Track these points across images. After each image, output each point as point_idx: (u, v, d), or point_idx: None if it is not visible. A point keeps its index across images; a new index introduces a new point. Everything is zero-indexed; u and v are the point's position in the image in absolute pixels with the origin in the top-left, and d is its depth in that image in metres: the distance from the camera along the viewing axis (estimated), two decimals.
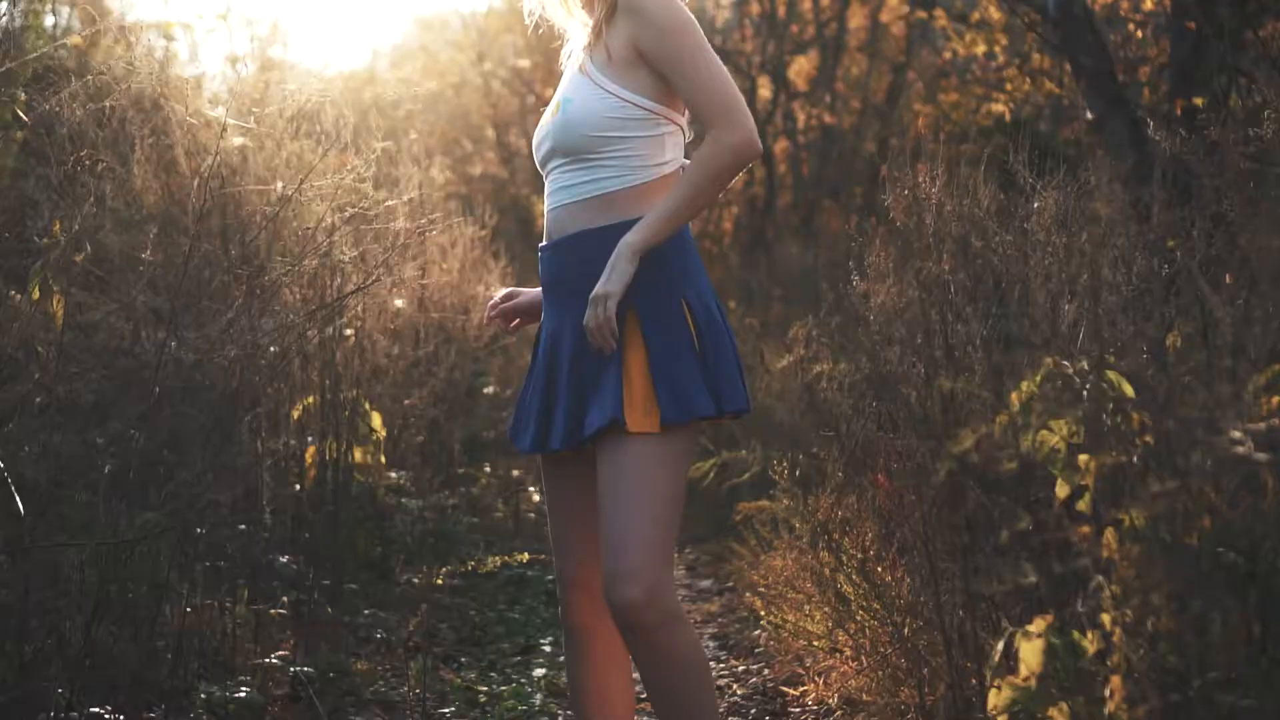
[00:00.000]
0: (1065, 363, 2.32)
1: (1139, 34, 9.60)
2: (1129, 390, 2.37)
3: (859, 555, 3.59)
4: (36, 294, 2.98)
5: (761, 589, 4.40)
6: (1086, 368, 2.29)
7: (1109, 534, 2.32)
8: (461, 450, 6.23)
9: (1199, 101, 6.80)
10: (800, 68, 14.54)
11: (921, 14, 12.92)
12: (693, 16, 2.74)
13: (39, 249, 3.18)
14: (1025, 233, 2.88)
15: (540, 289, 2.92)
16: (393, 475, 5.46)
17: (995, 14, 10.69)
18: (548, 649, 4.93)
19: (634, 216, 2.73)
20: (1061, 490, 2.39)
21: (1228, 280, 2.40)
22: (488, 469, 6.75)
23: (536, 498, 6.83)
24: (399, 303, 4.74)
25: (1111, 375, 2.27)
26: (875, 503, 3.76)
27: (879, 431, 3.51)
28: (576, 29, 2.92)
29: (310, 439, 4.89)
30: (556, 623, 5.20)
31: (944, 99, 13.14)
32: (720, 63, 2.71)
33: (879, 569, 3.56)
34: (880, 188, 3.50)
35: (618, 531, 2.66)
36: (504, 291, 3.12)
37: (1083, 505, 2.41)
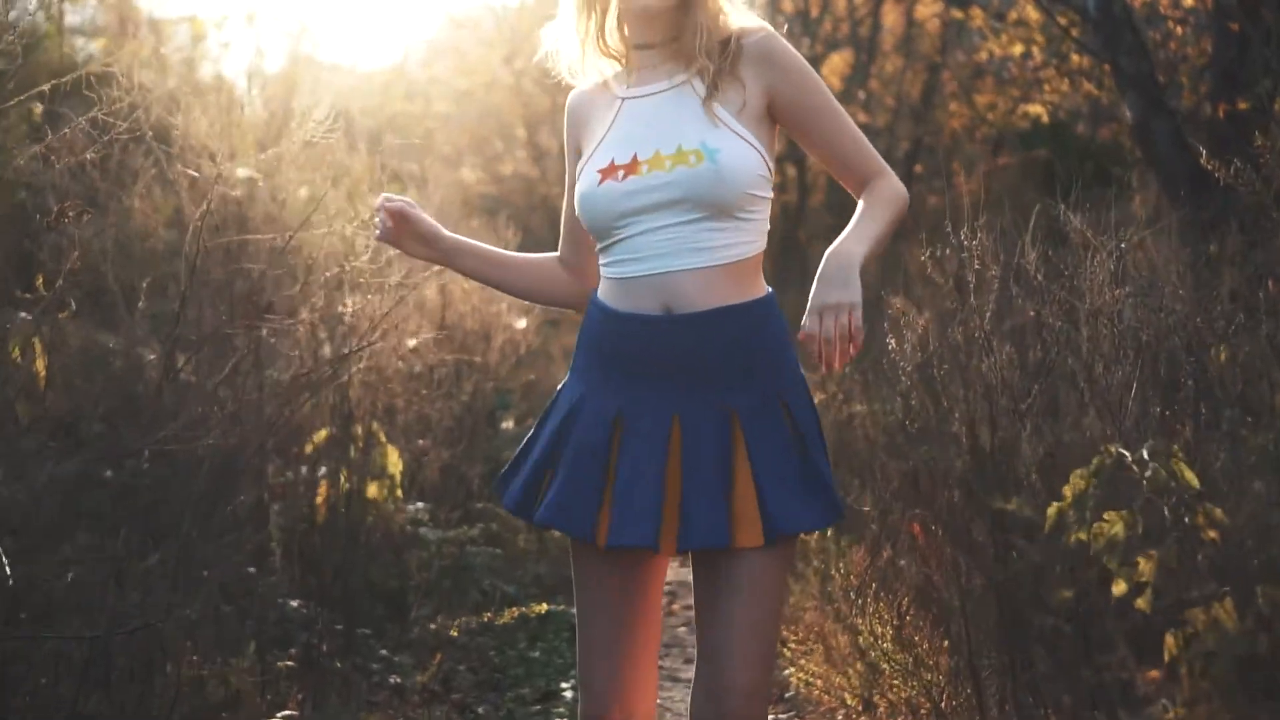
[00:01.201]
0: (1124, 452, 2.11)
1: (1179, 30, 9.35)
2: (1193, 480, 2.16)
3: (894, 622, 3.38)
4: (18, 354, 2.81)
5: (793, 642, 4.20)
6: (1147, 456, 2.08)
7: (1169, 640, 2.12)
8: (482, 483, 6.04)
9: (1243, 105, 6.59)
10: (834, 65, 14.30)
11: (957, 14, 12.67)
12: None
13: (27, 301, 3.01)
14: (1077, 291, 2.66)
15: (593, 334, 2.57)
16: (410, 508, 5.29)
17: (1033, 14, 10.44)
18: (568, 695, 4.73)
19: (761, 292, 2.52)
20: (1118, 588, 2.19)
21: None
22: None
23: None
24: (412, 342, 4.55)
25: (1179, 468, 2.06)
26: (913, 554, 3.57)
27: (914, 486, 3.32)
28: (590, 75, 2.68)
29: (322, 471, 4.71)
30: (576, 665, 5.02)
31: (980, 100, 12.89)
32: None
33: (916, 637, 3.35)
34: (914, 184, 3.31)
35: (757, 644, 2.47)
36: (411, 202, 2.69)
37: (1141, 603, 2.21)
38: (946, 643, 3.37)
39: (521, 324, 6.64)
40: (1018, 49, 11.06)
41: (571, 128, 2.70)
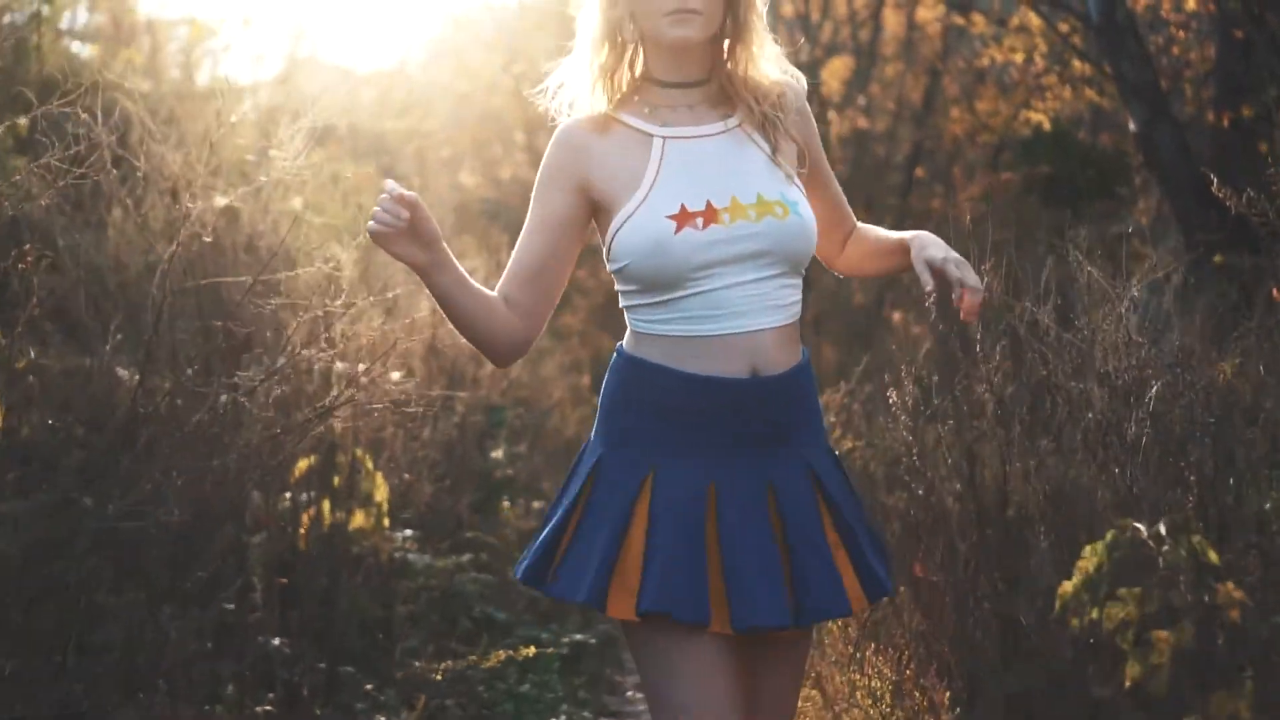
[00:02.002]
0: (1139, 526, 1.98)
1: (1182, 36, 9.24)
2: (1213, 556, 2.03)
3: (893, 677, 3.24)
4: None
5: None
6: (1164, 532, 1.95)
7: None
8: (471, 512, 5.90)
9: (1247, 113, 6.49)
10: (834, 70, 14.17)
11: (959, 19, 12.56)
12: None
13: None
14: (1091, 341, 2.53)
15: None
16: (398, 537, 5.16)
17: (1035, 20, 10.35)
18: None
19: (802, 352, 2.42)
20: (1132, 670, 2.06)
21: None
22: (509, 508, 6.43)
23: None
24: (396, 375, 4.41)
25: (1200, 544, 1.93)
26: (916, 601, 3.44)
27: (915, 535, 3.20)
28: (596, 110, 2.46)
29: (307, 496, 4.57)
30: (568, 700, 4.90)
31: (981, 106, 12.77)
32: None
33: (916, 692, 3.22)
34: (915, 189, 3.22)
35: (790, 705, 2.47)
36: (418, 200, 2.31)
37: (1156, 688, 2.08)
38: (948, 695, 3.24)
39: None
40: (1019, 55, 10.98)
41: (573, 160, 2.43)
